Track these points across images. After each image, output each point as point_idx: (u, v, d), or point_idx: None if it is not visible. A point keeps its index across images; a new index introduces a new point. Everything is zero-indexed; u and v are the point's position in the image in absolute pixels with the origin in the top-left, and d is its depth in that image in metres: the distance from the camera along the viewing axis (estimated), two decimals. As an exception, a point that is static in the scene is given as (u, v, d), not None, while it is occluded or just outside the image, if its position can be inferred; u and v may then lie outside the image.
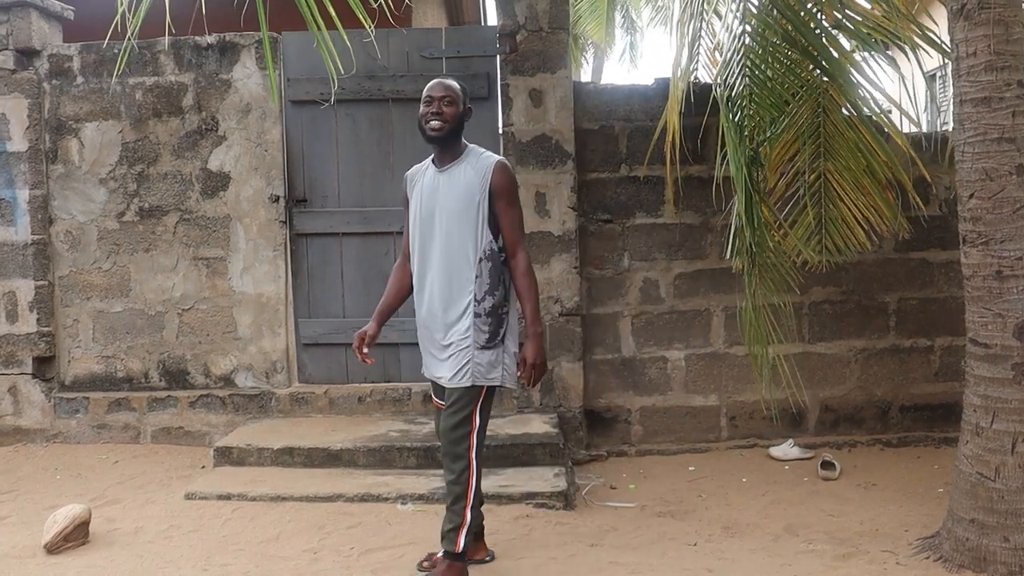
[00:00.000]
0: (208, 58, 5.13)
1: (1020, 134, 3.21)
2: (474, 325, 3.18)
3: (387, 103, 5.12)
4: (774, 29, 4.03)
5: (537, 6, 4.89)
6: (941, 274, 5.07)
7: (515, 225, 3.23)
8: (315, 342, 5.22)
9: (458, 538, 3.15)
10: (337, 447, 4.44)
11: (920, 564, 3.39)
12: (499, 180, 3.19)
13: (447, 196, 3.22)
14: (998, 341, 3.26)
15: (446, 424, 3.21)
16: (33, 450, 5.11)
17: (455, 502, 3.17)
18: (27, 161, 5.14)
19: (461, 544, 3.15)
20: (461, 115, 3.23)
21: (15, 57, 5.13)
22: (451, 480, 3.18)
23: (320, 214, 5.17)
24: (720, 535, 3.78)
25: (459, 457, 3.16)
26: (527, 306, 3.21)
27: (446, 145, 3.24)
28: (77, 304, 5.23)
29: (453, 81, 3.30)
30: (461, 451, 3.16)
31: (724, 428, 5.07)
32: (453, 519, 3.17)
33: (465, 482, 3.15)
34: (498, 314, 3.21)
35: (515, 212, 3.24)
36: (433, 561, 3.32)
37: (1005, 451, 3.24)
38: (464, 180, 3.21)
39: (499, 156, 3.31)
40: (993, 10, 3.19)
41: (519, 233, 3.24)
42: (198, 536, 3.76)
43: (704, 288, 5.03)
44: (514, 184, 3.27)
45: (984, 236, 3.27)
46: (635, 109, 5.01)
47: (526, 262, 3.22)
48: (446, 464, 3.21)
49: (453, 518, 3.17)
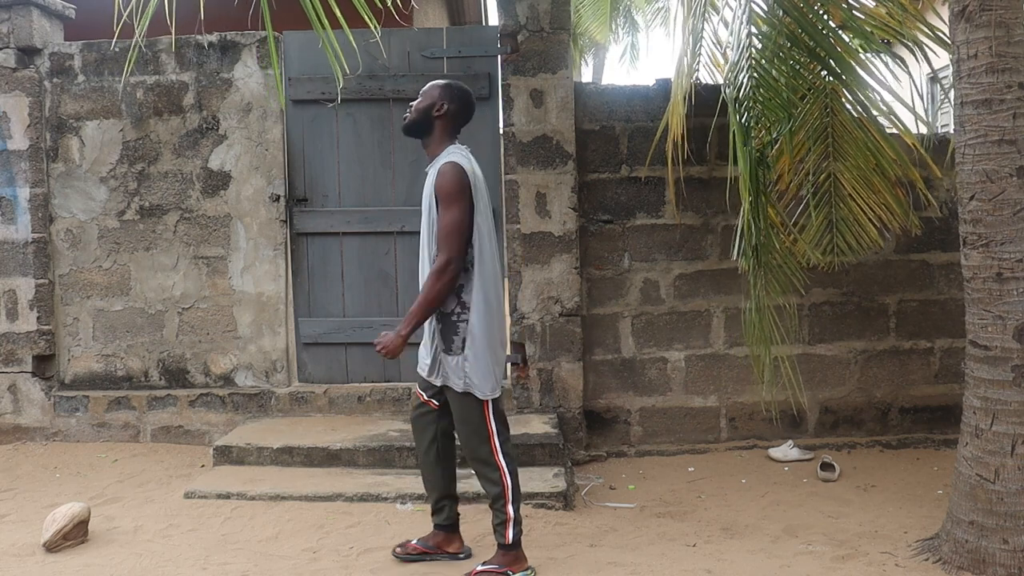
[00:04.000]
0: (209, 57, 5.13)
1: (1021, 136, 3.22)
2: (437, 329, 3.30)
3: (388, 103, 5.12)
4: (780, 30, 4.02)
5: (538, 6, 4.89)
6: (941, 276, 5.07)
7: (447, 227, 3.16)
8: (315, 341, 5.22)
9: (507, 531, 3.31)
10: (337, 447, 4.44)
11: (919, 566, 3.40)
12: (438, 182, 3.20)
13: (423, 198, 3.34)
14: (998, 343, 3.26)
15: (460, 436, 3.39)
16: (33, 448, 5.11)
17: (495, 501, 3.33)
18: (28, 159, 5.15)
19: (510, 536, 3.31)
20: (427, 109, 3.28)
21: (16, 55, 5.13)
22: (485, 484, 3.36)
23: (321, 213, 5.17)
24: (719, 536, 3.78)
25: (486, 463, 3.32)
26: (415, 302, 3.22)
27: (420, 140, 3.37)
28: (77, 303, 5.23)
29: (440, 82, 3.37)
30: (484, 456, 3.31)
31: (724, 429, 5.07)
32: (498, 515, 3.33)
33: (500, 482, 3.30)
34: (451, 321, 3.25)
35: (448, 215, 3.16)
36: (406, 547, 3.52)
37: (1005, 453, 3.24)
38: (428, 183, 3.29)
39: (455, 158, 3.23)
40: (994, 12, 3.19)
41: (449, 235, 3.16)
42: (197, 535, 3.76)
43: (704, 289, 5.03)
44: (453, 186, 3.17)
45: (984, 238, 3.27)
46: (636, 110, 5.01)
47: (440, 264, 3.16)
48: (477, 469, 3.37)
49: (498, 515, 3.33)
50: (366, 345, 5.20)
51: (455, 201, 3.16)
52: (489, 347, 3.26)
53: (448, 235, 3.16)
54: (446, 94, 3.29)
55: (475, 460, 3.34)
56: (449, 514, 3.53)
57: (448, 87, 3.33)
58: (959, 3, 3.28)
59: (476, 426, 3.30)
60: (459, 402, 3.30)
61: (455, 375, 3.26)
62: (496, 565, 3.31)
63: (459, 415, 3.33)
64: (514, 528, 3.30)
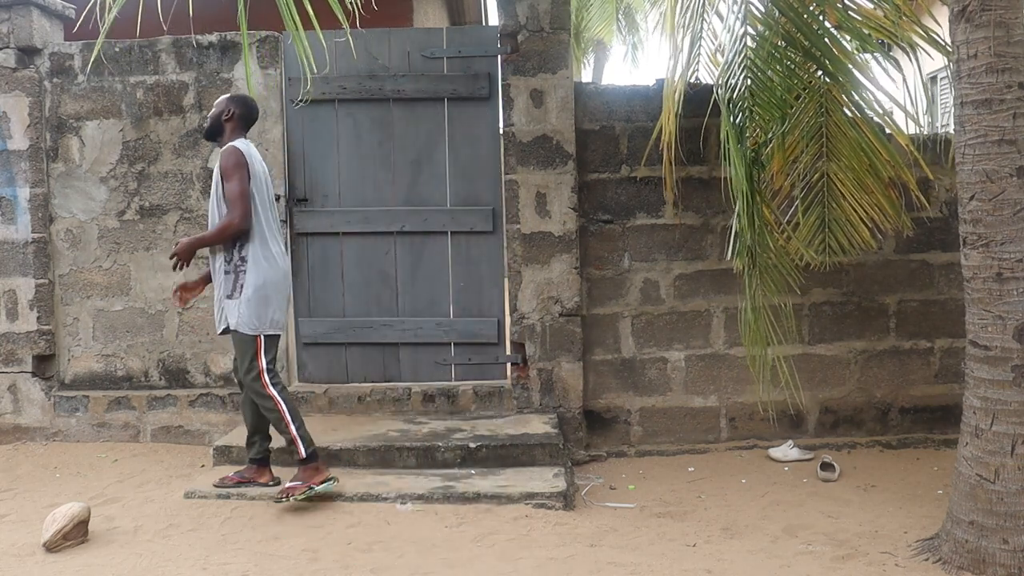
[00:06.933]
0: (209, 57, 5.13)
1: (1021, 136, 3.21)
2: (223, 281, 4.04)
3: (388, 103, 5.12)
4: (776, 31, 4.03)
5: (538, 6, 4.89)
6: (941, 276, 5.07)
7: (230, 193, 3.94)
8: (315, 341, 5.22)
9: (297, 449, 3.96)
10: (336, 446, 4.43)
11: (919, 566, 3.39)
12: (220, 161, 3.98)
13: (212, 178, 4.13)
14: (998, 343, 3.26)
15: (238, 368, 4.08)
16: (33, 448, 5.11)
17: (278, 426, 4.00)
18: (28, 159, 5.15)
19: (302, 452, 3.96)
20: (218, 116, 4.09)
21: (16, 55, 5.13)
22: (265, 412, 4.01)
23: (321, 213, 5.17)
24: (719, 536, 3.78)
25: (260, 394, 3.98)
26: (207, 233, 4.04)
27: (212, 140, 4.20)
28: (77, 302, 5.24)
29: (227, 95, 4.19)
30: (258, 389, 3.98)
31: (724, 429, 5.07)
32: (285, 437, 3.99)
33: (276, 408, 3.96)
34: (233, 271, 4.01)
35: (229, 185, 3.94)
36: (224, 480, 4.18)
37: (1005, 453, 3.24)
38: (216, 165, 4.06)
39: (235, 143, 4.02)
40: (994, 12, 3.19)
41: (234, 201, 3.93)
42: (197, 535, 3.76)
43: (704, 289, 5.03)
44: (231, 162, 3.94)
45: (984, 238, 3.27)
46: (636, 110, 5.01)
47: (226, 220, 3.94)
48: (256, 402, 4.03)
49: (285, 437, 4.00)
50: (366, 345, 5.20)
51: (235, 173, 3.94)
52: (261, 294, 3.97)
53: (231, 200, 3.93)
54: (233, 102, 4.10)
55: (251, 391, 4.01)
56: (259, 449, 4.18)
57: (233, 98, 4.13)
58: (959, 3, 3.28)
59: (249, 360, 3.97)
60: (236, 338, 4.01)
61: (231, 315, 3.99)
62: (299, 481, 3.96)
63: (237, 349, 4.03)
64: (303, 444, 3.94)
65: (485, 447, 4.39)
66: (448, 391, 5.04)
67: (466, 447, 4.39)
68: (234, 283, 4.00)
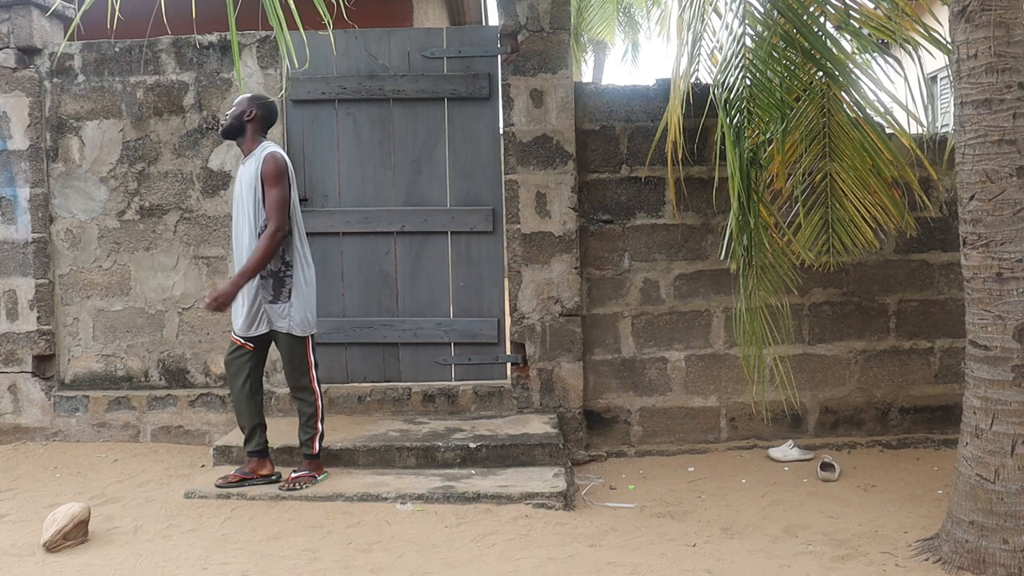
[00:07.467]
0: (209, 57, 5.13)
1: (1021, 136, 3.21)
2: (262, 285, 4.07)
3: (388, 103, 5.12)
4: (775, 31, 4.02)
5: (538, 6, 4.89)
6: (941, 276, 5.07)
7: (274, 203, 3.97)
8: (315, 341, 5.20)
9: (314, 444, 4.18)
10: (337, 446, 4.43)
11: (919, 566, 3.39)
12: (264, 168, 4.00)
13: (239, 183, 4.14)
14: (998, 343, 3.26)
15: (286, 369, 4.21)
16: (33, 448, 5.11)
17: (308, 419, 4.17)
18: (28, 159, 5.15)
19: (317, 448, 4.19)
20: (240, 116, 4.09)
21: (16, 55, 5.13)
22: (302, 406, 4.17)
23: (321, 213, 5.17)
24: (719, 536, 3.78)
25: (305, 389, 4.15)
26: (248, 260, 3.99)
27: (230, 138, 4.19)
28: (77, 302, 5.24)
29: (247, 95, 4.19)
30: (305, 384, 4.16)
31: (724, 429, 5.07)
32: (308, 431, 4.18)
33: (314, 404, 4.16)
34: (278, 276, 4.07)
35: (274, 192, 3.98)
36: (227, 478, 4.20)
37: (1005, 453, 3.24)
38: (251, 170, 4.06)
39: (274, 149, 4.06)
40: (994, 12, 3.19)
41: (277, 209, 3.97)
42: (197, 535, 3.76)
43: (704, 289, 5.03)
44: (278, 170, 3.98)
45: (984, 238, 3.27)
46: (636, 110, 5.01)
47: (271, 231, 3.95)
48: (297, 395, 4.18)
49: (308, 431, 4.18)
50: (366, 345, 5.20)
51: (279, 182, 3.99)
52: (307, 296, 4.13)
53: (276, 209, 3.97)
54: (254, 103, 4.12)
55: (297, 388, 4.16)
56: (259, 440, 4.23)
57: (254, 98, 4.14)
58: (959, 3, 3.28)
59: (300, 360, 4.14)
60: (286, 342, 4.11)
61: (280, 320, 4.08)
62: (306, 471, 4.18)
63: (286, 353, 4.14)
64: (320, 441, 4.19)
65: (485, 447, 4.39)
66: (448, 391, 5.04)
67: (466, 447, 4.39)
68: (278, 288, 4.07)
